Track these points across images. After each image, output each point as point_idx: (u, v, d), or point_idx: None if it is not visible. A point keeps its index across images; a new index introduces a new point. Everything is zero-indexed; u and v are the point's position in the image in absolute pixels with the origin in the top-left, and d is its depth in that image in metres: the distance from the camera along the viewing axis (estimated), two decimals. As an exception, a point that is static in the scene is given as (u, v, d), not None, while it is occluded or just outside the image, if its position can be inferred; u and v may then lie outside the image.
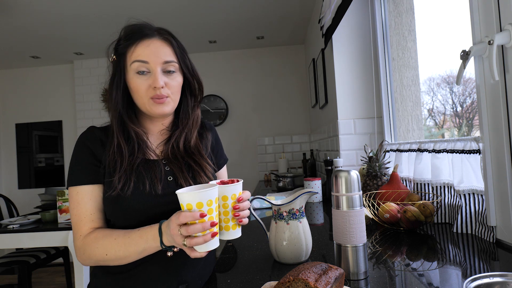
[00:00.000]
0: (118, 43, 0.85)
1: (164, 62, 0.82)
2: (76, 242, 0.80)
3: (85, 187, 0.81)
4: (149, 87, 0.81)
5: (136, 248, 0.73)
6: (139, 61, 0.80)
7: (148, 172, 0.83)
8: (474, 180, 1.08)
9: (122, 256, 0.75)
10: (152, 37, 0.82)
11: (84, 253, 0.78)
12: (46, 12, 2.71)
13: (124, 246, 0.74)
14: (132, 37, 0.82)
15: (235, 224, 0.73)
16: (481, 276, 0.56)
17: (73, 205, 0.81)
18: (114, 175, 0.80)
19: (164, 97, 0.83)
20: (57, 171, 4.20)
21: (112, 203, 0.80)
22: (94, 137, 0.85)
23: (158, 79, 0.80)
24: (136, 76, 0.81)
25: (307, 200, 1.95)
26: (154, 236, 0.72)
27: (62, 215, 2.36)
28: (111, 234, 0.77)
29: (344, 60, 2.09)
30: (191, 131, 0.92)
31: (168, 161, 0.88)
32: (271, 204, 0.93)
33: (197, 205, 0.62)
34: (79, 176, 0.81)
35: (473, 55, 0.95)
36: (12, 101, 4.22)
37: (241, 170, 3.89)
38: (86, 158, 0.82)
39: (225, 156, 1.07)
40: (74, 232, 0.81)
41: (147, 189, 0.80)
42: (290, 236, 0.89)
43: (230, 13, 2.96)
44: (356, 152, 2.06)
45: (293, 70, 3.95)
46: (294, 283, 0.60)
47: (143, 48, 0.81)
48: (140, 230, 0.74)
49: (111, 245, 0.75)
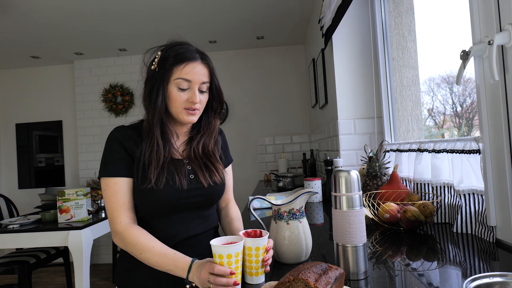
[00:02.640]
0: (167, 59, 0.97)
1: (202, 82, 0.98)
2: (116, 226, 0.92)
3: (122, 179, 0.94)
4: (186, 100, 0.97)
5: (165, 266, 0.86)
6: (184, 79, 0.95)
7: (175, 169, 0.97)
8: (474, 180, 1.08)
9: (151, 263, 0.88)
10: (196, 60, 0.98)
11: (123, 241, 0.91)
12: (46, 12, 2.71)
13: (157, 258, 0.87)
14: (181, 59, 0.96)
15: (262, 271, 0.81)
16: (481, 276, 0.56)
17: (110, 193, 0.93)
18: (148, 170, 0.93)
19: (196, 110, 0.99)
20: (57, 171, 4.20)
21: (146, 195, 0.93)
22: (126, 135, 0.98)
23: (196, 96, 0.97)
24: (177, 89, 0.96)
25: (307, 200, 1.95)
26: (183, 268, 0.83)
27: (62, 215, 2.36)
28: (150, 241, 0.90)
29: (344, 60, 2.09)
30: (209, 137, 1.08)
31: (190, 161, 1.03)
32: (271, 204, 0.93)
33: (227, 256, 0.75)
34: (116, 168, 0.94)
35: (473, 55, 0.95)
36: (12, 101, 4.22)
37: (241, 170, 3.89)
38: (121, 153, 0.96)
39: (231, 157, 1.21)
40: (112, 217, 0.93)
41: (176, 184, 0.95)
42: (290, 236, 0.89)
43: (230, 13, 2.96)
44: (356, 152, 2.06)
45: (293, 70, 3.95)
46: (294, 283, 0.60)
47: (189, 69, 0.96)
48: (175, 255, 0.87)
49: (148, 251, 0.88)
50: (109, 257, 4.00)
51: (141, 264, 0.96)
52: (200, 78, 0.97)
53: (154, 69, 0.98)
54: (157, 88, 0.97)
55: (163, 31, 3.26)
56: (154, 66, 0.98)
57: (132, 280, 0.99)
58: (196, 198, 0.98)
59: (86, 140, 4.05)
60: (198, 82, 0.97)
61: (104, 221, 2.54)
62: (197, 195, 0.98)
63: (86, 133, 4.06)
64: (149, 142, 0.96)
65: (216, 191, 1.03)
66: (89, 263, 2.29)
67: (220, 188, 1.05)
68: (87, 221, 2.36)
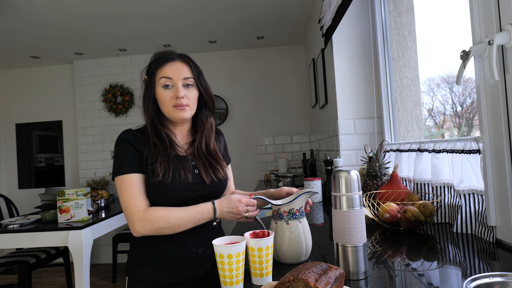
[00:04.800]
0: (150, 66, 1.08)
1: (184, 78, 1.05)
2: (135, 215, 0.97)
3: (136, 175, 1.02)
4: (172, 98, 1.04)
5: (193, 218, 0.98)
6: (165, 77, 1.04)
7: (181, 164, 1.05)
8: (474, 180, 1.08)
9: (181, 225, 0.98)
10: (175, 60, 1.07)
11: (147, 222, 0.96)
12: (46, 12, 2.71)
13: (184, 216, 0.97)
14: (160, 61, 1.06)
15: (267, 272, 0.81)
16: (481, 276, 0.56)
17: (127, 187, 1.00)
18: (155, 166, 1.01)
19: (184, 105, 1.05)
20: (57, 171, 4.20)
21: (155, 188, 1.00)
22: (134, 137, 1.06)
23: (179, 91, 1.03)
24: (163, 89, 1.05)
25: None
26: (208, 211, 0.99)
27: (62, 215, 2.36)
28: (171, 209, 0.98)
29: (344, 60, 2.09)
30: (209, 135, 1.14)
31: (194, 158, 1.10)
32: (271, 204, 0.93)
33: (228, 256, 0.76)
34: (129, 166, 1.01)
35: (473, 55, 0.95)
36: (12, 101, 4.22)
37: (241, 170, 3.89)
38: (132, 153, 1.03)
39: (229, 157, 1.29)
40: (130, 208, 0.98)
41: (182, 178, 1.02)
42: (290, 236, 0.89)
43: (230, 13, 2.96)
44: (356, 152, 2.06)
45: (293, 70, 3.95)
46: (294, 283, 0.60)
47: (168, 67, 1.05)
48: (196, 206, 0.99)
49: (174, 216, 0.97)
50: (109, 257, 4.00)
51: (151, 256, 1.04)
52: (181, 74, 1.05)
53: (145, 80, 1.09)
54: (148, 94, 1.07)
55: (163, 31, 3.26)
56: (144, 78, 1.09)
57: (143, 271, 1.05)
58: (201, 191, 1.06)
59: (86, 140, 4.05)
60: (179, 78, 1.04)
61: (104, 221, 2.54)
62: (203, 188, 1.06)
63: (86, 133, 4.06)
64: (151, 143, 1.05)
65: (219, 186, 1.11)
66: (89, 263, 2.29)
67: (223, 183, 1.13)
68: (87, 221, 2.36)
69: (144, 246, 1.06)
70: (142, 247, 1.07)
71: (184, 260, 1.05)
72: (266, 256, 0.80)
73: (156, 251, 1.04)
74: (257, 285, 0.81)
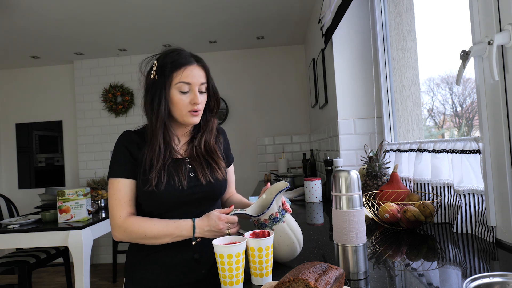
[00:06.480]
0: (164, 67, 1.02)
1: (201, 83, 1.04)
2: (115, 221, 0.98)
3: (125, 180, 1.01)
4: (189, 103, 1.02)
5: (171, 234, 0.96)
6: (185, 83, 1.01)
7: (176, 170, 1.03)
8: (474, 180, 1.08)
9: (158, 239, 0.96)
10: (193, 63, 1.04)
11: (125, 231, 0.97)
12: (47, 12, 2.71)
13: (161, 231, 0.96)
14: (178, 64, 1.02)
15: (267, 272, 0.81)
16: (481, 276, 0.56)
17: (113, 191, 1.00)
18: (149, 173, 0.99)
19: (199, 111, 1.05)
20: (57, 171, 4.20)
21: (149, 196, 0.99)
22: (131, 140, 1.05)
23: (198, 97, 1.02)
24: (179, 93, 1.02)
25: (306, 200, 1.95)
26: (187, 229, 0.96)
27: (62, 215, 2.36)
28: (151, 220, 0.98)
29: (344, 60, 2.09)
30: (210, 135, 1.13)
31: (191, 159, 1.08)
32: (250, 216, 0.93)
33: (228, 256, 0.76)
34: (120, 170, 1.01)
35: (473, 55, 0.95)
36: (12, 101, 4.22)
37: (241, 170, 3.89)
38: (126, 157, 1.02)
39: (232, 156, 1.26)
40: (113, 212, 0.99)
41: (176, 185, 1.00)
42: (279, 239, 0.89)
43: (230, 13, 2.96)
44: (356, 152, 2.06)
45: (293, 70, 3.95)
46: (294, 283, 0.60)
47: (188, 72, 1.02)
48: (176, 222, 0.97)
49: (151, 229, 0.96)
50: (109, 257, 4.00)
51: (148, 259, 1.03)
52: (199, 79, 1.03)
53: (154, 78, 1.03)
54: (159, 95, 1.01)
55: (163, 31, 3.26)
56: (153, 75, 1.03)
57: (140, 274, 1.04)
58: (198, 194, 1.04)
59: (86, 140, 4.05)
60: (197, 83, 1.03)
61: (104, 221, 2.54)
62: (199, 191, 1.04)
63: (86, 133, 4.06)
64: (151, 147, 1.02)
65: (217, 187, 1.08)
66: (89, 263, 2.29)
67: (222, 184, 1.09)
68: (87, 221, 2.36)
69: (141, 248, 1.05)
70: (139, 249, 1.06)
71: (180, 265, 1.03)
72: (266, 256, 0.80)
73: (152, 254, 1.04)
74: (257, 285, 0.81)
